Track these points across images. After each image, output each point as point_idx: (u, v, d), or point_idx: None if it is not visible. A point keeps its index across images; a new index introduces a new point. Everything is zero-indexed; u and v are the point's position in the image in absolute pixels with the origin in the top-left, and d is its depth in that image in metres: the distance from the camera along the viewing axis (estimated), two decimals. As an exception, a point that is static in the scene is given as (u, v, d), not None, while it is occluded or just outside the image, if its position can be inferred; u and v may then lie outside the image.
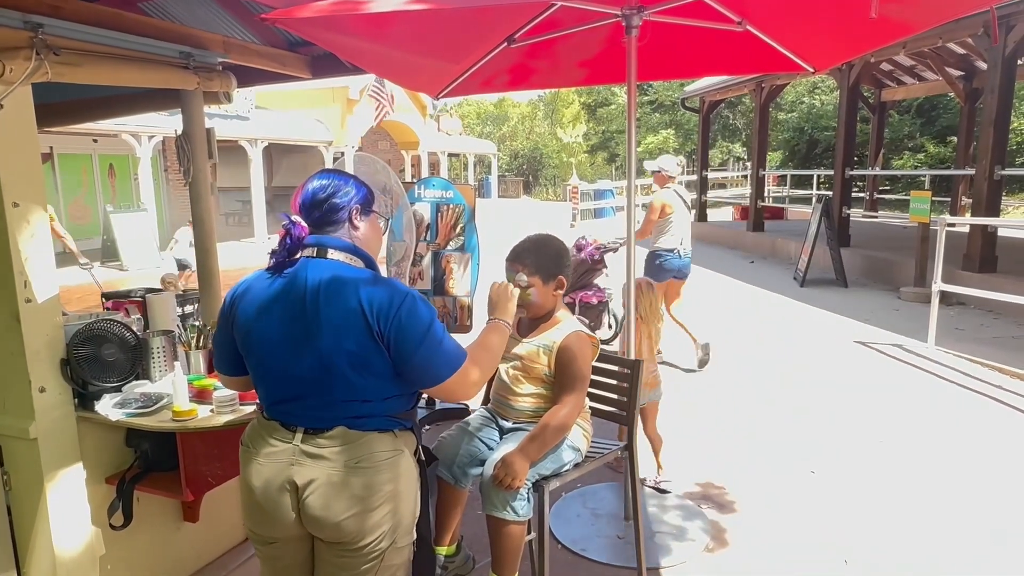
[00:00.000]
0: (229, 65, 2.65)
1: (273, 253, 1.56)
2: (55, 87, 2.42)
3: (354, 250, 1.58)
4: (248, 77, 3.03)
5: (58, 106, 2.84)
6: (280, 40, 2.92)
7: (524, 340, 2.25)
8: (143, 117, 10.86)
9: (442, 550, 2.23)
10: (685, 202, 5.23)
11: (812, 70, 3.17)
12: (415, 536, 1.63)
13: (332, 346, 1.47)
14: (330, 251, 1.55)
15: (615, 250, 5.50)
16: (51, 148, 12.60)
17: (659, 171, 5.26)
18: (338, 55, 2.64)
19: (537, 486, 2.10)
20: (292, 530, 1.56)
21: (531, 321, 2.28)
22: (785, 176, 19.67)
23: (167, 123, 11.53)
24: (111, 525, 2.16)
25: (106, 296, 2.54)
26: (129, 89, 2.69)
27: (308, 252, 1.55)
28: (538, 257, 2.20)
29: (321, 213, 1.57)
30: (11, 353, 1.90)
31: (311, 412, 1.52)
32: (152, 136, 11.90)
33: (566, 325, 2.21)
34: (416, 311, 1.51)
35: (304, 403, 1.52)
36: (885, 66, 11.72)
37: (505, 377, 2.26)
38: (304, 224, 1.55)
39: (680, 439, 3.90)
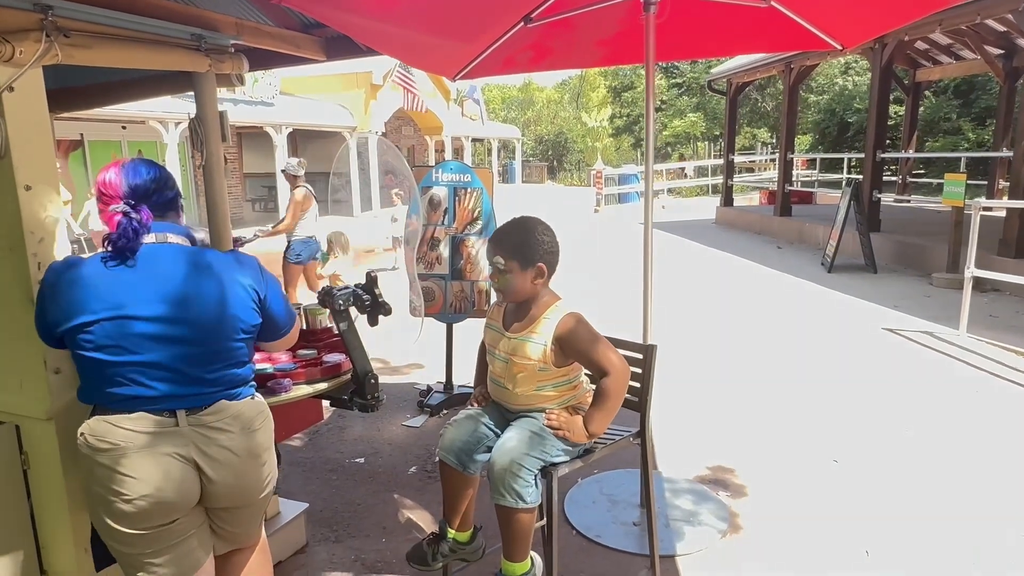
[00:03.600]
0: (242, 47, 2.63)
1: (110, 240, 1.55)
2: (68, 71, 2.44)
3: (188, 236, 1.68)
4: (262, 60, 3.01)
5: (71, 91, 2.85)
6: (294, 22, 2.89)
7: (510, 335, 2.16)
8: (169, 103, 10.98)
9: (453, 534, 2.22)
10: (316, 196, 6.61)
11: (840, 47, 3.07)
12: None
13: (221, 320, 1.58)
14: (170, 236, 1.63)
15: (251, 241, 6.26)
16: (81, 135, 12.81)
17: (284, 171, 6.58)
18: (350, 35, 2.61)
19: (545, 472, 2.07)
20: (191, 504, 1.63)
21: (516, 311, 2.18)
22: (814, 159, 19.26)
23: (193, 109, 11.62)
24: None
25: None
26: (142, 72, 2.69)
27: (151, 239, 1.59)
28: (518, 242, 2.08)
29: (157, 199, 1.64)
30: (26, 335, 1.92)
31: (187, 393, 1.58)
32: (179, 123, 12.02)
33: (553, 315, 2.11)
34: (268, 273, 1.76)
35: (177, 386, 1.56)
36: (920, 45, 11.36)
37: (498, 373, 2.20)
38: (148, 210, 1.59)
39: (699, 423, 3.85)
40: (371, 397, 2.10)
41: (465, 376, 4.41)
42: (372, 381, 2.10)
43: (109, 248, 1.55)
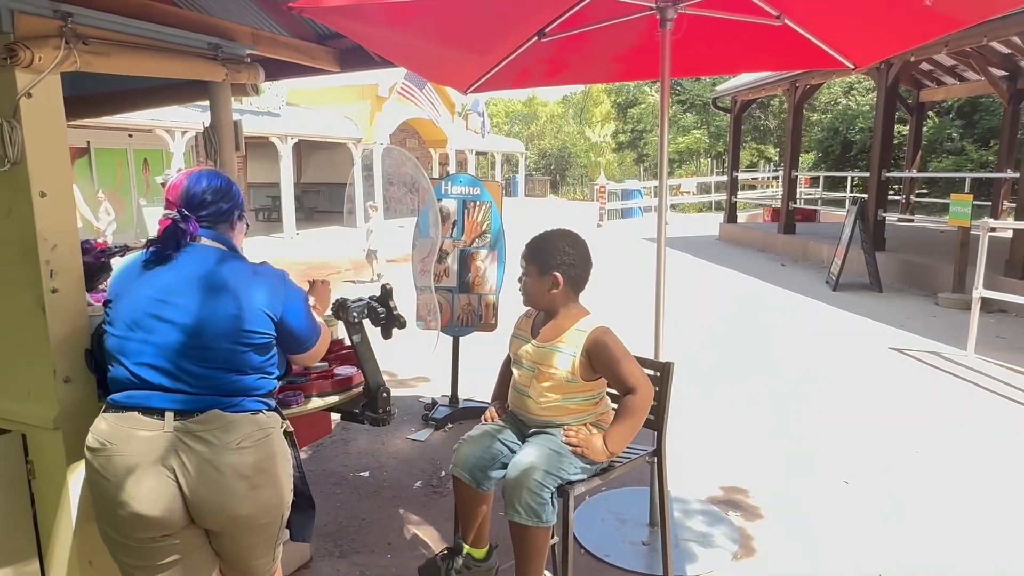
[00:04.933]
0: (257, 57, 2.64)
1: (153, 242, 1.65)
2: (85, 79, 2.44)
3: (229, 244, 1.74)
4: (276, 70, 3.02)
5: (87, 98, 2.86)
6: (309, 32, 2.90)
7: (538, 344, 2.17)
8: (176, 112, 11.03)
9: (468, 550, 2.19)
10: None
11: (853, 66, 3.07)
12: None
13: (227, 320, 1.58)
14: (206, 240, 1.70)
15: (121, 253, 6.32)
16: (88, 143, 12.84)
17: (164, 184, 6.43)
18: (365, 46, 2.61)
19: (561, 491, 2.04)
20: (175, 521, 1.56)
21: (544, 322, 2.20)
22: (817, 177, 19.31)
23: (200, 118, 11.68)
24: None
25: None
26: (157, 81, 2.69)
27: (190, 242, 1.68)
28: (538, 249, 2.16)
29: (210, 211, 1.72)
30: (36, 342, 1.90)
31: (178, 388, 1.57)
32: (185, 131, 12.07)
33: (583, 327, 2.12)
34: (294, 287, 1.75)
35: (178, 385, 1.57)
36: (925, 66, 11.40)
37: (522, 382, 2.19)
38: (194, 220, 1.68)
39: (707, 443, 3.82)
40: (383, 411, 2.08)
41: (470, 390, 4.38)
42: (384, 395, 2.07)
43: (149, 248, 1.65)
